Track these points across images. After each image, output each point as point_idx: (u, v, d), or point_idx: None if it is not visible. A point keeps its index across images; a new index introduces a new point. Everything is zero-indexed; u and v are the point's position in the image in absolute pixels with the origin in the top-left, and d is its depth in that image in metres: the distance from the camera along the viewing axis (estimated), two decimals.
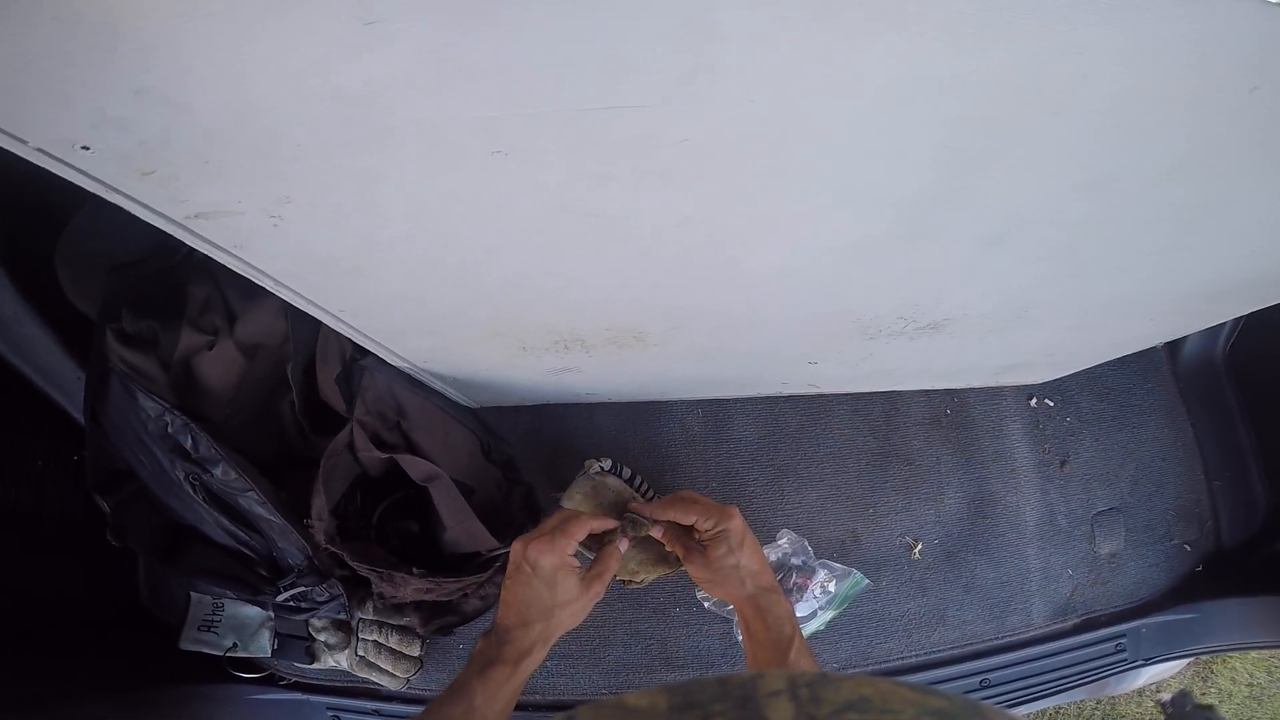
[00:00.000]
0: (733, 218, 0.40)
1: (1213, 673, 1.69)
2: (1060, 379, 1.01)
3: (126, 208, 0.37)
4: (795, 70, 0.28)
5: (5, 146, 0.31)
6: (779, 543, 0.88)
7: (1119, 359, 1.05)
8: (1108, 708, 1.67)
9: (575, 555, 0.59)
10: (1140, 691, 1.67)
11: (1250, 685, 1.68)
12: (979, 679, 0.96)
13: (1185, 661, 1.16)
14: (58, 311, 0.72)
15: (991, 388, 0.99)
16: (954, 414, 0.97)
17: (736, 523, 0.60)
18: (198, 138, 0.32)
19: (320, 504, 0.66)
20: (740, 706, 0.19)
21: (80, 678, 0.76)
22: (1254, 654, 1.69)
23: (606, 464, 0.73)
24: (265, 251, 0.43)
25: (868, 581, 0.88)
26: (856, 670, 0.94)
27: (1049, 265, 0.49)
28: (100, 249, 0.72)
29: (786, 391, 0.91)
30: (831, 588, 0.86)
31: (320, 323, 0.64)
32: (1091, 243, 0.46)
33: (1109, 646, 1.00)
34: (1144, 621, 1.00)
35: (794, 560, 0.87)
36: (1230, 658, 1.68)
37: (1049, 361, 0.87)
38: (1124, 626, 1.00)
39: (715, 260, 0.45)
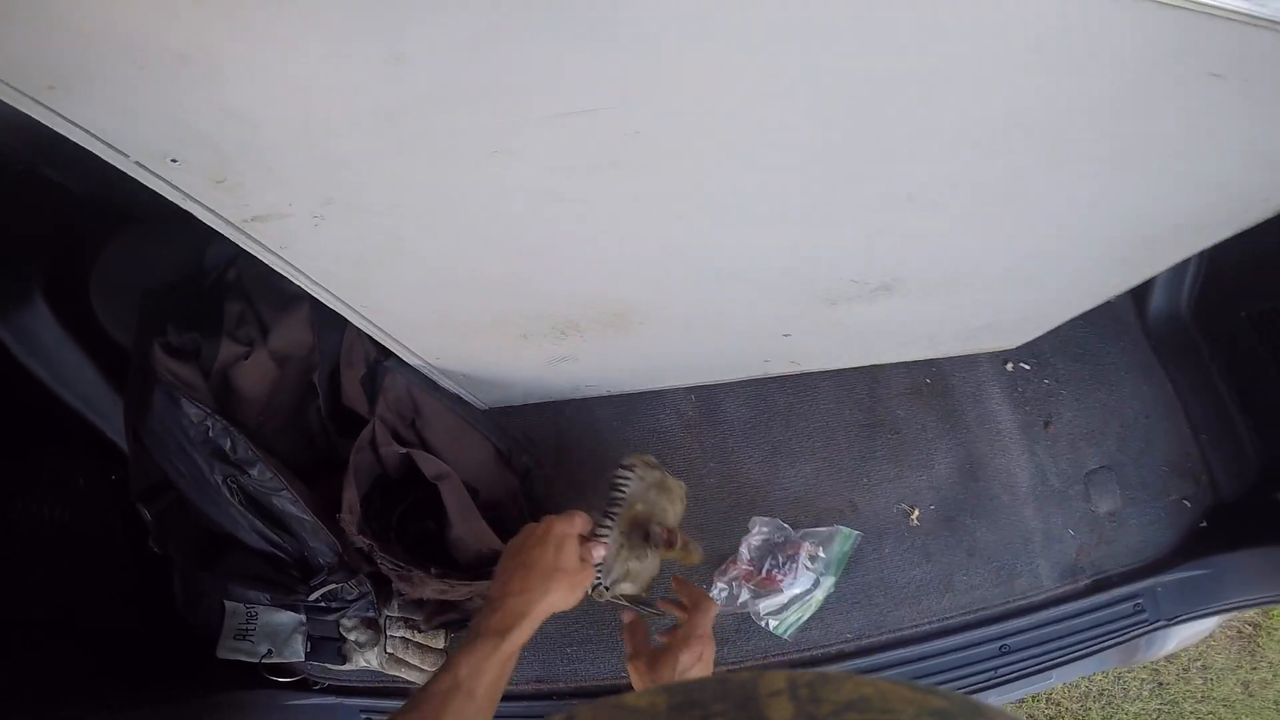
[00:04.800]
0: (685, 196, 0.50)
1: (1259, 646, 1.68)
2: (1033, 343, 1.10)
3: (196, 213, 0.48)
4: (725, 72, 0.39)
5: (107, 158, 0.42)
6: (753, 531, 0.93)
7: (1088, 320, 1.14)
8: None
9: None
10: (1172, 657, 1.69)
11: None
12: (998, 645, 0.99)
13: (1215, 622, 1.16)
14: (93, 340, 0.83)
15: (967, 356, 1.08)
16: (934, 383, 1.07)
17: (706, 649, 0.63)
18: (265, 149, 0.42)
19: (351, 496, 0.75)
20: (740, 706, 0.20)
21: (121, 688, 0.83)
22: None
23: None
24: (306, 251, 0.53)
25: (857, 534, 0.95)
26: (872, 640, 1.00)
27: (961, 220, 0.59)
28: (132, 279, 0.83)
29: (772, 372, 1.00)
30: (822, 553, 0.93)
31: (343, 333, 0.75)
32: (987, 197, 0.56)
33: (1127, 607, 1.03)
34: (1158, 580, 1.04)
35: (777, 539, 0.94)
36: (1276, 629, 1.69)
37: (1010, 322, 0.96)
38: (1138, 586, 1.04)
39: (677, 235, 0.55)
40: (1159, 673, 1.66)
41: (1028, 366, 1.12)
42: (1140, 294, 1.21)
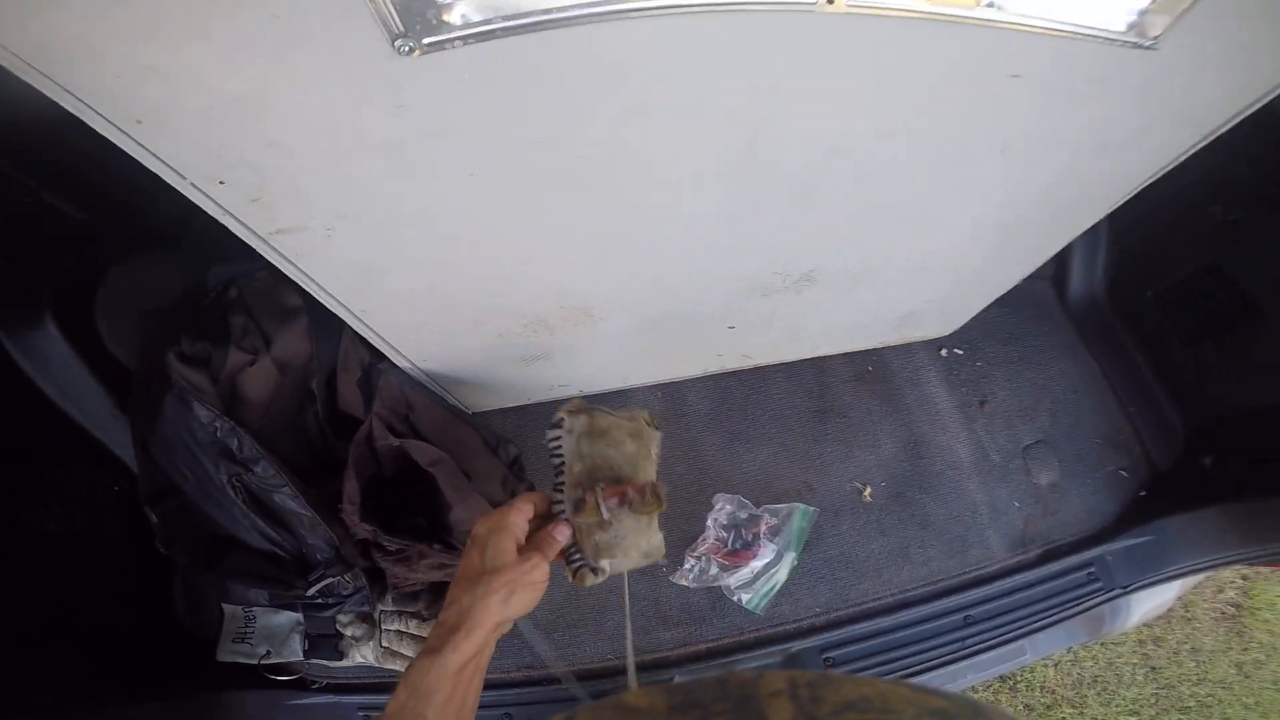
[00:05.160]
0: (625, 204, 0.65)
1: (1245, 627, 1.78)
2: (964, 331, 1.27)
3: (231, 227, 0.61)
4: (643, 107, 0.54)
5: (167, 179, 0.55)
6: (718, 507, 1.06)
7: (1014, 307, 1.32)
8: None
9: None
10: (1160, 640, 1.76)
11: None
12: (962, 616, 1.09)
13: (1174, 593, 1.25)
14: (98, 359, 0.93)
15: (903, 345, 1.24)
16: (875, 370, 1.22)
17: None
18: (296, 174, 0.56)
19: (352, 487, 0.86)
20: (740, 706, 0.20)
21: (121, 688, 0.91)
22: None
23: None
24: (317, 259, 0.67)
25: (815, 509, 1.08)
26: (840, 613, 1.11)
27: (850, 216, 0.75)
28: (134, 302, 0.94)
29: (727, 366, 1.15)
30: (783, 528, 1.06)
31: (338, 343, 0.87)
32: (866, 194, 0.72)
33: (1081, 576, 1.14)
34: (1106, 548, 1.15)
35: (740, 515, 1.07)
36: (1259, 608, 1.80)
37: (935, 310, 1.13)
38: (1088, 554, 1.15)
39: (625, 238, 0.70)
40: (1150, 657, 1.75)
41: (960, 351, 1.29)
42: (1060, 281, 1.40)
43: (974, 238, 0.89)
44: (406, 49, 0.45)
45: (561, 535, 0.61)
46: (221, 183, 0.56)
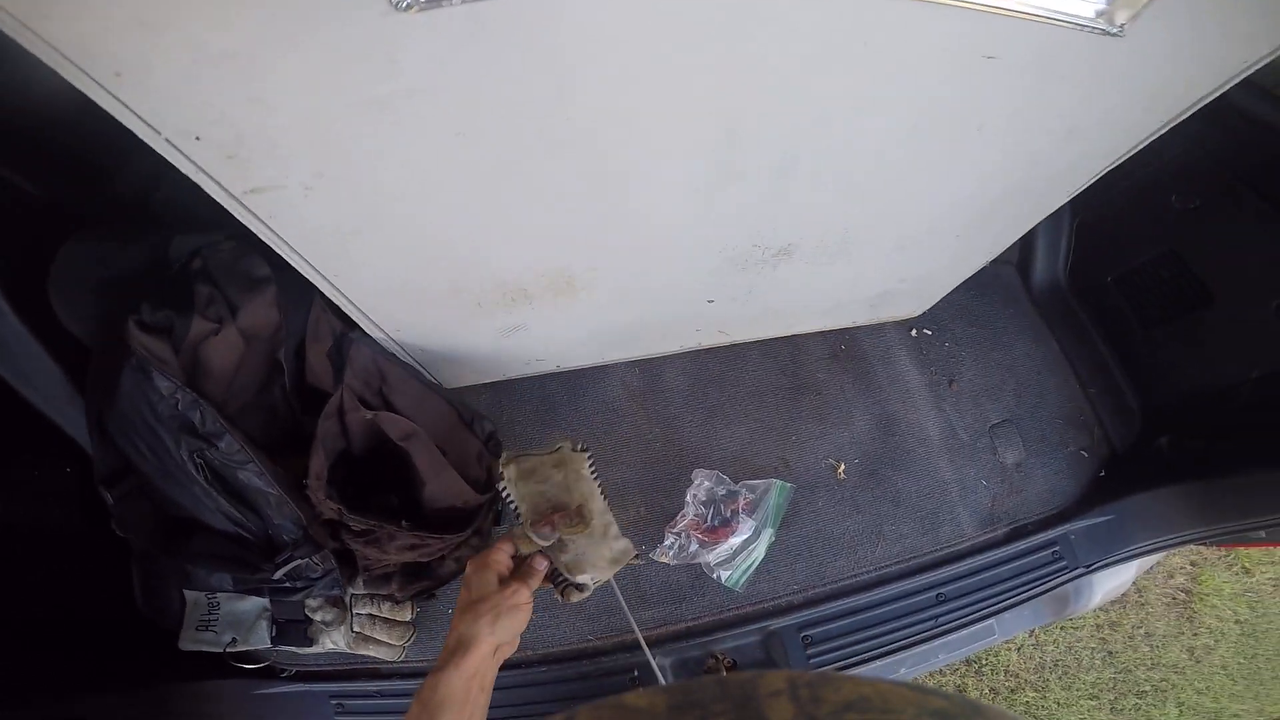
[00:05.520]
0: (608, 171, 0.68)
1: (1195, 612, 1.92)
2: (933, 312, 1.34)
3: (203, 185, 0.61)
4: (627, 70, 0.57)
5: (139, 134, 0.55)
6: (697, 483, 1.10)
7: (981, 291, 1.39)
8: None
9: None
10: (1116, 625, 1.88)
11: (1238, 623, 1.92)
12: (935, 594, 1.15)
13: (1133, 573, 1.33)
14: (52, 337, 0.92)
15: (874, 325, 1.31)
16: (848, 349, 1.28)
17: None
18: (275, 131, 0.57)
19: (319, 463, 0.86)
20: (740, 706, 0.21)
21: (80, 683, 0.90)
22: (1228, 589, 1.95)
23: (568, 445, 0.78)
24: (291, 220, 0.68)
25: (791, 485, 1.13)
26: (817, 590, 1.16)
27: (832, 189, 0.80)
28: (90, 275, 0.93)
29: (705, 343, 1.19)
30: (760, 503, 1.10)
31: (308, 312, 0.88)
32: (848, 167, 0.76)
33: (1046, 555, 1.21)
34: (1069, 527, 1.23)
35: (719, 491, 1.11)
36: (1207, 594, 1.93)
37: (906, 289, 1.19)
38: (1052, 533, 1.22)
39: (608, 206, 0.73)
40: (1107, 641, 1.86)
41: (930, 332, 1.36)
42: (1024, 267, 1.48)
43: (949, 217, 0.95)
44: (405, 5, 0.46)
45: (540, 565, 0.75)
46: (197, 138, 0.57)
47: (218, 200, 0.64)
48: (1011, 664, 1.82)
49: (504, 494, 0.78)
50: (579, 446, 0.82)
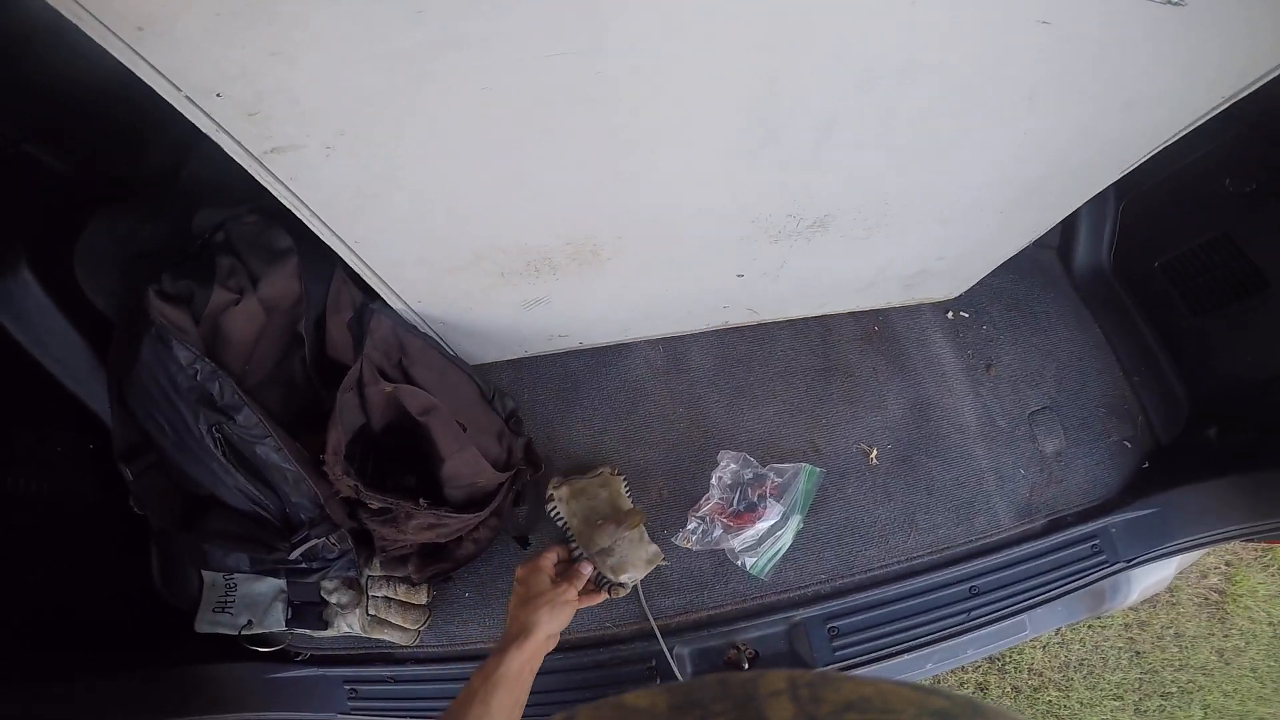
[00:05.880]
0: (641, 129, 0.67)
1: (1227, 613, 1.88)
2: (969, 294, 1.31)
3: (223, 144, 0.61)
4: (666, 23, 0.56)
5: (160, 90, 0.55)
6: (723, 465, 1.08)
7: (1020, 274, 1.36)
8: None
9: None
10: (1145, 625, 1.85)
11: (1271, 625, 1.88)
12: (968, 586, 1.12)
13: (1174, 570, 1.30)
14: (76, 310, 0.93)
15: (909, 306, 1.28)
16: (881, 330, 1.26)
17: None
18: (296, 87, 0.57)
19: (337, 437, 0.87)
20: (740, 706, 0.21)
21: (98, 660, 0.91)
22: (1262, 591, 1.90)
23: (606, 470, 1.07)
24: (312, 182, 0.67)
25: (821, 470, 1.12)
26: (845, 580, 1.14)
27: (874, 156, 0.78)
28: (116, 250, 0.94)
29: (732, 321, 1.17)
30: (788, 488, 1.09)
31: (329, 284, 0.88)
32: (893, 133, 0.74)
33: (1085, 549, 1.18)
34: (1110, 520, 1.19)
35: (745, 474, 1.09)
36: (1241, 595, 1.89)
37: (944, 268, 1.16)
38: (1092, 526, 1.18)
39: (639, 167, 0.72)
40: (1135, 641, 1.84)
41: (966, 315, 1.33)
42: (1065, 251, 1.44)
43: (994, 190, 0.92)
44: None
45: (586, 569, 0.95)
46: (218, 95, 0.56)
47: (238, 161, 0.64)
48: (1036, 662, 1.79)
49: (553, 513, 1.03)
50: (615, 471, 1.09)
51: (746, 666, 1.06)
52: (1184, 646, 1.83)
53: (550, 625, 0.84)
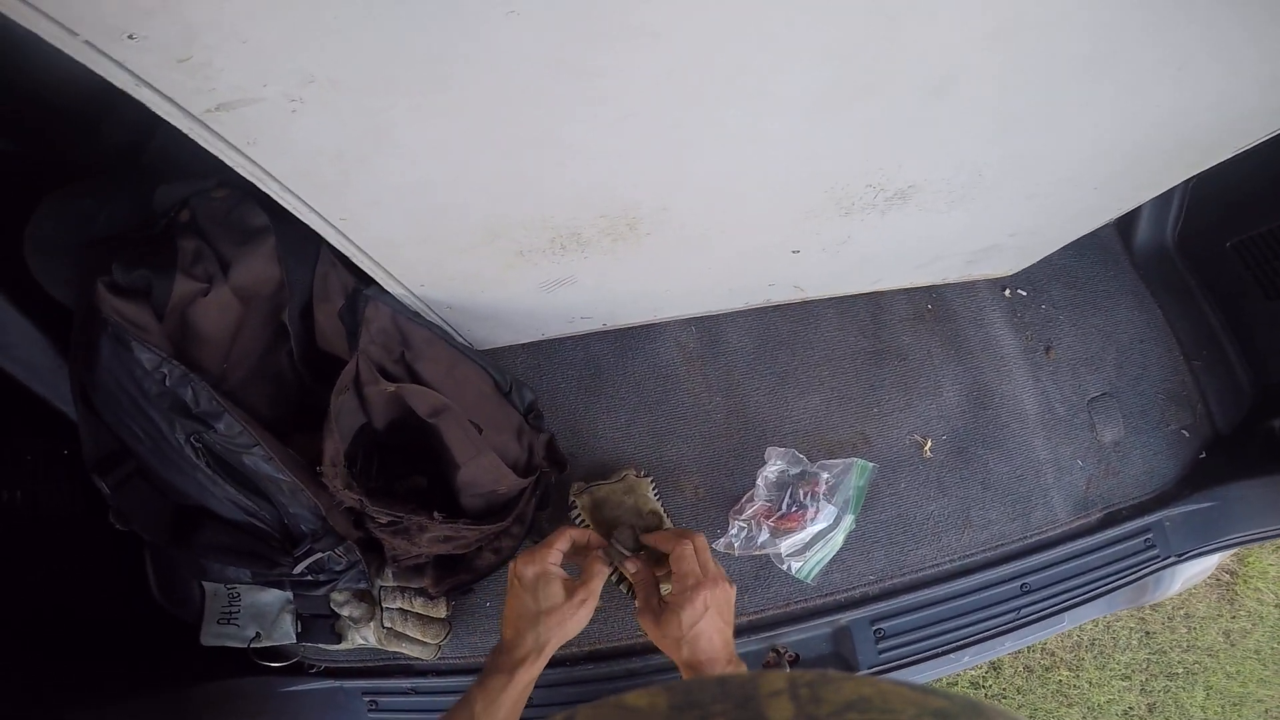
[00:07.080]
0: (704, 72, 0.49)
1: (1237, 594, 1.82)
2: (1027, 271, 1.14)
3: (149, 102, 0.44)
4: None
5: (54, 41, 0.38)
6: (770, 464, 0.94)
7: (1078, 251, 1.18)
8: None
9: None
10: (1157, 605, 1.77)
11: (1278, 607, 1.82)
12: (1019, 584, 1.02)
13: (1217, 560, 1.20)
14: (32, 302, 0.77)
15: (965, 283, 1.11)
16: (935, 308, 1.09)
17: (703, 594, 0.66)
18: (240, 16, 0.39)
19: (334, 446, 0.72)
20: (740, 706, 0.21)
21: (97, 682, 0.79)
22: (1273, 573, 1.83)
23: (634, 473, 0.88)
24: (278, 146, 0.50)
25: (874, 465, 0.97)
26: (895, 581, 1.01)
27: (986, 120, 0.60)
28: (71, 234, 0.77)
29: (775, 299, 1.00)
30: (841, 486, 0.94)
31: (314, 266, 0.71)
32: (1018, 94, 0.57)
33: (1139, 543, 1.07)
34: (1165, 514, 1.08)
35: (792, 472, 0.94)
36: (1252, 576, 1.82)
37: (1014, 244, 0.99)
38: (1147, 520, 1.08)
39: (694, 118, 0.54)
40: (1146, 621, 1.78)
41: (1024, 293, 1.16)
42: (1125, 228, 1.27)
43: (1096, 165, 0.75)
44: None
45: (601, 568, 0.74)
46: (130, 38, 0.38)
47: (173, 123, 0.46)
48: (1049, 643, 1.74)
49: (577, 520, 0.87)
50: (641, 473, 0.92)
51: (788, 670, 0.95)
52: (1193, 627, 1.79)
53: (565, 638, 0.69)
